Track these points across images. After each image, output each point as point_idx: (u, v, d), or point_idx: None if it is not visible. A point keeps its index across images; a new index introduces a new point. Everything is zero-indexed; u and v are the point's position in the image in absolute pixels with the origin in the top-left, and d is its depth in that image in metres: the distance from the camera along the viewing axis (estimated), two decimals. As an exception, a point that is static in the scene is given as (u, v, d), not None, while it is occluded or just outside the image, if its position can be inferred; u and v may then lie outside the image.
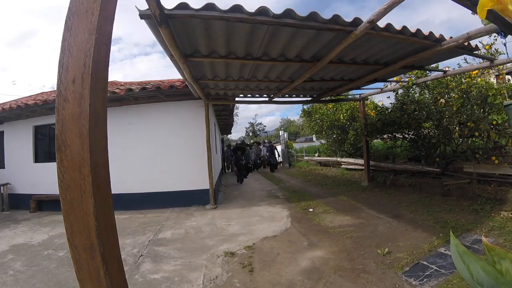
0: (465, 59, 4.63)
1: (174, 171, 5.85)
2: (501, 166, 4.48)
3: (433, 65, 4.88)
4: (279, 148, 15.28)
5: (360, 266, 2.69)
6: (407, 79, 5.70)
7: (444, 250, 2.81)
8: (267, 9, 2.34)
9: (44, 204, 6.19)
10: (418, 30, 2.97)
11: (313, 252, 3.12)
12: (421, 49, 3.40)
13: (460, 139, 5.59)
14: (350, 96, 7.86)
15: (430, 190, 5.20)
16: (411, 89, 5.66)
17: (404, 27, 2.85)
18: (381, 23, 2.68)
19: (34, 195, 6.19)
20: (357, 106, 7.80)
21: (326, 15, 2.54)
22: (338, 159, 9.47)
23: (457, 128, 5.47)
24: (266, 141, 18.04)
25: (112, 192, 0.87)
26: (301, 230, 3.91)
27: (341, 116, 8.53)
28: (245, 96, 6.19)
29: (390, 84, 6.03)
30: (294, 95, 6.40)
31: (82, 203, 0.78)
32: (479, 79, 5.20)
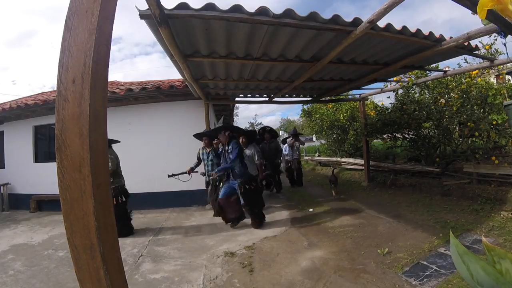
0: (465, 59, 4.63)
1: (173, 170, 5.86)
2: (501, 166, 4.48)
3: (433, 65, 4.87)
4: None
5: (360, 266, 2.69)
6: (407, 79, 5.69)
7: (444, 250, 2.81)
8: (267, 9, 2.34)
9: (44, 204, 6.19)
10: (418, 30, 2.97)
11: (313, 252, 3.12)
12: (421, 49, 3.40)
13: (460, 139, 5.59)
14: (350, 96, 7.86)
15: (430, 190, 5.20)
16: (411, 89, 5.66)
17: (404, 27, 2.85)
18: (381, 23, 2.68)
19: (34, 195, 6.19)
20: (357, 106, 7.79)
21: (327, 15, 2.54)
22: (338, 159, 9.46)
23: (457, 128, 5.46)
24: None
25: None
26: (301, 230, 3.91)
27: (341, 116, 8.52)
28: (245, 96, 6.18)
29: (390, 84, 6.03)
30: (294, 95, 6.39)
31: (82, 203, 0.78)
32: (479, 79, 5.20)
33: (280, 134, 17.49)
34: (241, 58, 3.45)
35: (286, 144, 7.68)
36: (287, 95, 6.25)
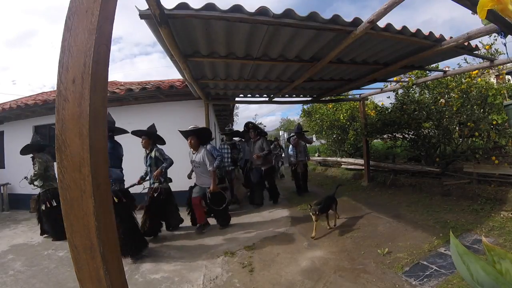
0: (465, 59, 4.63)
1: (174, 171, 5.83)
2: (501, 166, 4.48)
3: (433, 65, 4.87)
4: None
5: (360, 266, 2.69)
6: (407, 79, 5.69)
7: (444, 250, 2.80)
8: (267, 9, 2.34)
9: (44, 204, 6.18)
10: (418, 30, 2.97)
11: (313, 252, 3.12)
12: (421, 49, 3.40)
13: (460, 139, 5.59)
14: (350, 96, 7.86)
15: (430, 190, 5.20)
16: (411, 89, 5.66)
17: (404, 27, 2.85)
18: (381, 23, 2.68)
19: (34, 195, 6.18)
20: (357, 106, 7.79)
21: (327, 15, 2.54)
22: (338, 159, 9.47)
23: (457, 128, 5.47)
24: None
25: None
26: (301, 230, 3.91)
27: (341, 116, 8.53)
28: (245, 96, 6.18)
29: (390, 84, 6.03)
30: (294, 95, 6.39)
31: (82, 203, 0.78)
32: (479, 79, 5.20)
33: (280, 134, 17.37)
34: (241, 58, 3.45)
35: (290, 144, 6.79)
36: (287, 95, 6.25)
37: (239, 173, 6.13)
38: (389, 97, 7.07)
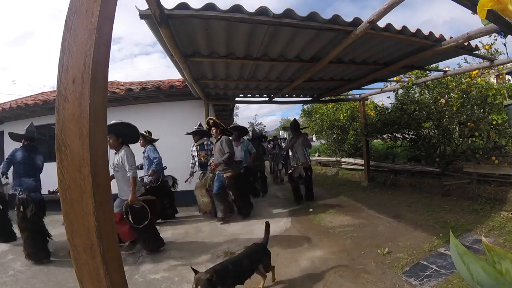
0: (465, 59, 4.63)
1: (174, 171, 5.85)
2: (501, 166, 4.47)
3: (433, 65, 4.88)
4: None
5: (360, 266, 2.69)
6: (407, 79, 5.70)
7: (444, 250, 2.80)
8: (267, 9, 2.34)
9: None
10: (418, 30, 2.97)
11: (313, 252, 3.12)
12: (421, 49, 3.40)
13: (460, 139, 5.59)
14: (350, 96, 7.86)
15: (430, 190, 5.19)
16: (411, 89, 5.66)
17: (404, 27, 2.85)
18: (381, 23, 2.68)
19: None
20: (357, 106, 7.79)
21: (327, 14, 2.55)
22: (338, 159, 9.46)
23: (457, 128, 5.47)
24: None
25: (112, 192, 0.87)
26: (301, 230, 3.91)
27: (341, 116, 8.53)
28: (245, 96, 6.19)
29: (390, 84, 6.03)
30: (294, 95, 6.40)
31: (82, 203, 0.78)
32: (479, 79, 5.20)
33: (280, 134, 17.36)
34: (241, 58, 3.45)
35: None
36: (287, 95, 6.25)
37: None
38: (389, 97, 7.05)
